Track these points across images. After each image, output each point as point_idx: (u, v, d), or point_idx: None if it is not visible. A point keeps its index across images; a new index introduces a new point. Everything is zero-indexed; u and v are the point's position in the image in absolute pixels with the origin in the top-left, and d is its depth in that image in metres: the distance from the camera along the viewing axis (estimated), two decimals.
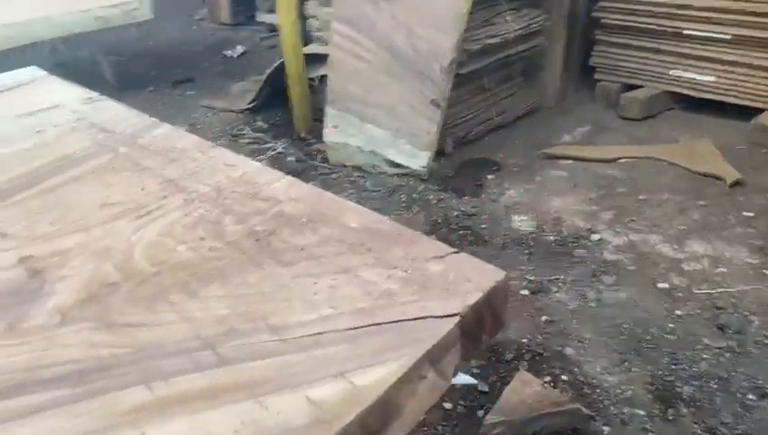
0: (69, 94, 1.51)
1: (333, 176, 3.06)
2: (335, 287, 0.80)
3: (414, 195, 2.86)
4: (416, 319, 0.74)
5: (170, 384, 0.68)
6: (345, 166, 3.11)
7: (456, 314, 0.74)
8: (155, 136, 1.27)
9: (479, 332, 0.78)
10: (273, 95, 3.72)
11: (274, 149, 3.30)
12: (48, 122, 1.36)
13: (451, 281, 0.80)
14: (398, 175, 2.99)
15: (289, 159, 3.23)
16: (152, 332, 0.75)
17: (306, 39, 3.47)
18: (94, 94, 1.49)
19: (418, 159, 2.93)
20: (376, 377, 0.66)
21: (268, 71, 3.82)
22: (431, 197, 2.83)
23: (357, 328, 0.73)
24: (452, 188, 2.90)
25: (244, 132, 3.57)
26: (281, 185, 1.05)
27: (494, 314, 0.79)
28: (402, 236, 0.89)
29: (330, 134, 3.13)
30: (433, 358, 0.70)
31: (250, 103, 3.80)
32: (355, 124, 3.04)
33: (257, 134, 3.51)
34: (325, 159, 3.18)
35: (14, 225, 1.00)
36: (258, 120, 3.70)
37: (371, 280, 0.81)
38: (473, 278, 0.80)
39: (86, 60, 4.71)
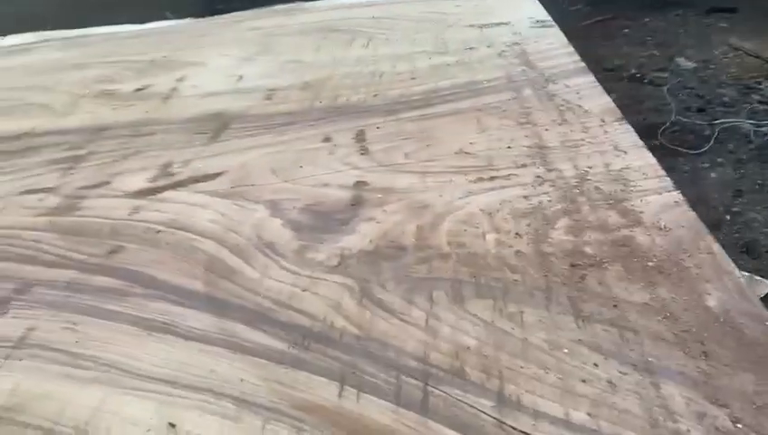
0: (525, 12, 1.41)
1: None
2: (615, 387, 0.55)
3: None
4: None
5: (360, 401, 0.58)
6: None
7: None
8: (570, 86, 1.09)
9: None
10: None
11: None
12: (485, 40, 1.30)
13: None
14: None
15: None
16: (390, 326, 0.65)
17: None
18: (548, 19, 1.36)
19: None
20: None
21: None
22: None
23: None
24: None
25: (759, 88, 2.93)
26: (656, 200, 0.77)
27: None
28: None
29: None
30: None
31: None
32: None
33: None
34: None
35: (381, 144, 1.00)
36: None
37: (674, 406, 0.53)
38: None
39: None
